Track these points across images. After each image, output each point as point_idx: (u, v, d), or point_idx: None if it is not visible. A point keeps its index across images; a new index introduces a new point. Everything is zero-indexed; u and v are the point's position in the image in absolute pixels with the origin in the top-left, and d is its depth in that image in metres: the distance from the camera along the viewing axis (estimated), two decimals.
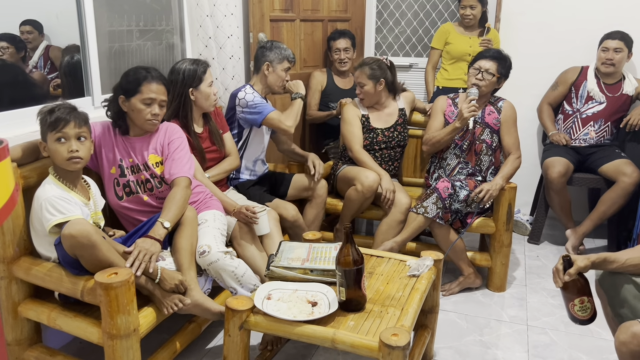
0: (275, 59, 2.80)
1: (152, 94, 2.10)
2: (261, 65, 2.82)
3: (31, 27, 2.35)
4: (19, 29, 2.32)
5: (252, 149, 2.84)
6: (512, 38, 3.65)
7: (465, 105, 2.70)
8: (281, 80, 2.83)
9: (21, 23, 2.32)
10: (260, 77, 2.85)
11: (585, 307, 1.78)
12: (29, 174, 1.95)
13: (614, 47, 3.21)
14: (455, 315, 2.64)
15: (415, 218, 2.70)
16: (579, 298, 1.77)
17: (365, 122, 2.98)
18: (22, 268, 1.91)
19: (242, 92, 2.73)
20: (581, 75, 3.38)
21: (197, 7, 2.88)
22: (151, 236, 1.94)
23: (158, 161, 2.21)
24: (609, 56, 3.23)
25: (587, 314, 1.80)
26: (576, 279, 1.76)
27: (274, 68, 2.80)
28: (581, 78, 3.38)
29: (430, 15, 4.00)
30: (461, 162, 2.89)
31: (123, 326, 1.74)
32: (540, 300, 2.79)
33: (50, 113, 1.85)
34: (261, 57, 2.83)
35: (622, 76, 3.32)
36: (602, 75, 3.32)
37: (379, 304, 1.86)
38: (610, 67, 3.24)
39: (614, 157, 3.20)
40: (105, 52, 2.62)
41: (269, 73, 2.81)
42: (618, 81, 3.31)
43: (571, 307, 1.79)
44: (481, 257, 2.87)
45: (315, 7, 3.57)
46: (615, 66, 3.24)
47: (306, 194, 2.87)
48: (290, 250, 2.12)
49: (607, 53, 3.24)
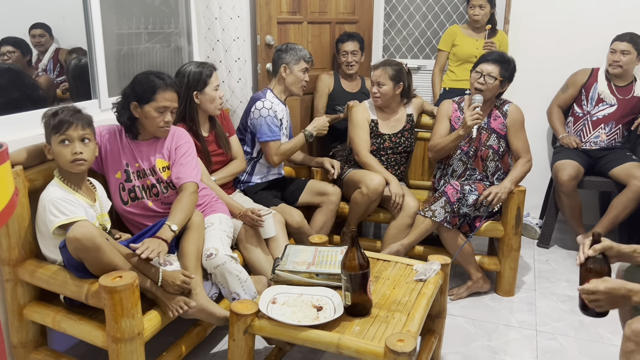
0: (292, 61, 2.80)
1: (167, 102, 2.11)
2: (279, 68, 2.82)
3: (42, 30, 2.36)
4: (30, 32, 2.32)
5: None
6: (522, 40, 3.62)
7: (469, 112, 2.67)
8: (300, 81, 2.83)
9: (31, 27, 2.33)
10: (279, 80, 2.85)
11: None
12: (35, 176, 1.95)
13: (622, 49, 3.18)
14: (463, 320, 2.61)
15: (422, 221, 2.67)
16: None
17: (374, 127, 2.96)
18: (27, 271, 1.91)
19: (260, 103, 2.74)
20: (591, 78, 3.34)
21: (207, 9, 2.88)
22: (159, 237, 1.94)
23: (165, 166, 2.21)
24: (616, 58, 3.20)
25: None
26: (600, 260, 1.71)
27: (291, 70, 2.80)
28: (591, 80, 3.34)
29: (439, 17, 3.98)
30: (468, 169, 2.86)
31: (127, 330, 1.73)
32: (550, 305, 2.75)
33: (54, 116, 1.85)
34: (278, 60, 2.83)
35: (633, 78, 3.28)
36: (612, 77, 3.28)
37: (385, 309, 1.84)
38: (618, 69, 3.21)
39: (625, 160, 3.16)
40: (113, 55, 2.62)
41: (287, 75, 2.81)
42: (629, 83, 3.27)
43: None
44: (490, 261, 2.84)
45: (322, 9, 3.56)
46: (623, 68, 3.20)
47: (319, 199, 2.85)
48: (295, 254, 2.10)
49: (614, 55, 3.21)
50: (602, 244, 1.71)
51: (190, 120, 2.47)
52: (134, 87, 2.12)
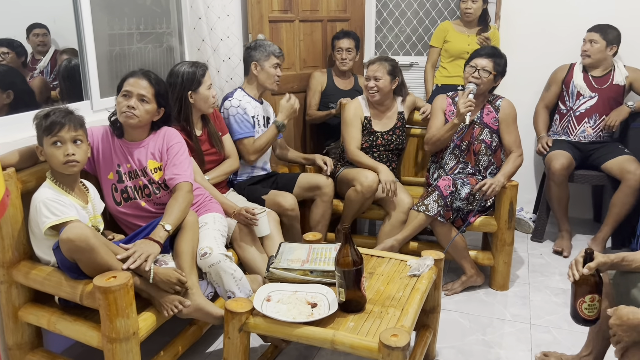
0: (262, 57, 2.81)
1: (129, 87, 2.10)
2: (249, 66, 2.83)
3: (44, 29, 2.36)
4: (31, 33, 2.32)
5: None
6: (512, 36, 3.63)
7: (462, 100, 2.70)
8: (272, 76, 2.84)
9: (32, 26, 2.33)
10: (250, 78, 2.86)
11: (593, 306, 1.76)
12: (28, 178, 1.95)
13: (589, 38, 3.25)
14: (457, 314, 2.63)
15: (416, 216, 2.69)
16: (591, 295, 1.75)
17: (367, 125, 2.97)
18: (21, 272, 1.91)
19: (227, 102, 2.78)
20: (569, 72, 3.38)
21: (191, 9, 2.88)
22: (151, 238, 1.94)
23: (157, 167, 2.20)
24: (585, 47, 3.27)
25: (593, 314, 1.78)
26: (592, 275, 1.74)
27: (262, 66, 2.82)
28: (570, 75, 3.37)
29: (430, 13, 3.98)
30: (460, 162, 2.88)
31: (122, 329, 1.74)
32: (544, 298, 2.77)
33: (46, 117, 1.85)
34: (248, 58, 2.85)
35: (612, 67, 3.30)
36: (588, 68, 3.32)
37: (379, 305, 1.85)
38: (587, 59, 3.27)
39: (617, 154, 3.17)
40: (105, 56, 2.62)
41: (259, 72, 2.83)
42: (606, 73, 3.30)
43: (579, 303, 1.77)
44: (483, 256, 2.86)
45: (314, 7, 3.56)
46: (592, 57, 3.25)
47: (312, 193, 2.85)
48: (290, 252, 2.11)
49: (585, 45, 3.28)
50: (597, 262, 1.73)
51: (185, 120, 2.47)
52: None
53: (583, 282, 1.75)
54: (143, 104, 2.11)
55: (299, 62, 3.58)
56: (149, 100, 2.13)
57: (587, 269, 1.73)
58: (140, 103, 2.11)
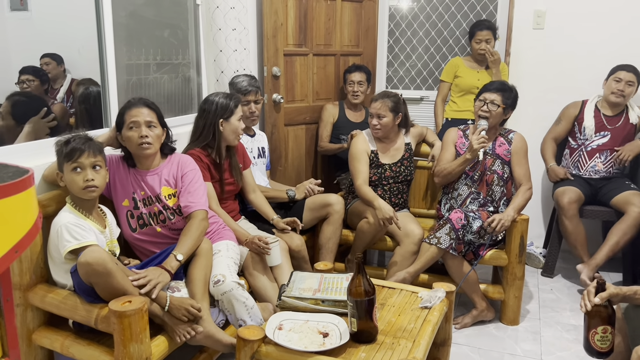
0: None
1: (133, 118, 2.12)
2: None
3: (49, 58, 2.43)
4: (40, 61, 2.40)
5: None
6: (522, 72, 3.70)
7: (475, 137, 2.73)
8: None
9: (41, 56, 2.40)
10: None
11: (606, 338, 1.75)
12: (48, 202, 2.00)
13: (628, 79, 3.24)
14: (468, 348, 2.61)
15: (428, 249, 2.69)
16: (603, 327, 1.74)
17: (374, 158, 3.00)
18: (37, 295, 1.93)
19: None
20: (582, 111, 3.41)
21: (213, 41, 2.96)
22: (163, 267, 1.97)
23: (171, 193, 2.23)
24: (620, 87, 3.25)
25: (606, 347, 1.76)
26: (605, 306, 1.74)
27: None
28: (582, 114, 3.40)
29: (441, 49, 4.07)
30: (473, 193, 2.90)
31: (135, 355, 1.74)
32: (555, 334, 2.75)
33: (66, 144, 1.89)
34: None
35: (625, 107, 3.34)
36: (608, 105, 3.33)
37: (391, 336, 1.85)
38: (620, 98, 3.26)
39: (624, 189, 3.19)
40: (123, 85, 2.69)
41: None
42: (619, 113, 3.33)
43: (592, 335, 1.76)
44: (494, 290, 2.85)
45: (327, 41, 3.65)
46: (625, 98, 3.27)
47: (323, 212, 2.86)
48: (301, 281, 2.12)
49: (619, 84, 3.26)
50: (609, 292, 1.73)
51: (211, 147, 2.52)
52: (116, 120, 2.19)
53: (595, 314, 1.75)
54: (152, 130, 2.15)
55: (311, 94, 3.65)
56: (155, 125, 2.17)
57: (598, 299, 1.73)
58: (150, 129, 2.15)
